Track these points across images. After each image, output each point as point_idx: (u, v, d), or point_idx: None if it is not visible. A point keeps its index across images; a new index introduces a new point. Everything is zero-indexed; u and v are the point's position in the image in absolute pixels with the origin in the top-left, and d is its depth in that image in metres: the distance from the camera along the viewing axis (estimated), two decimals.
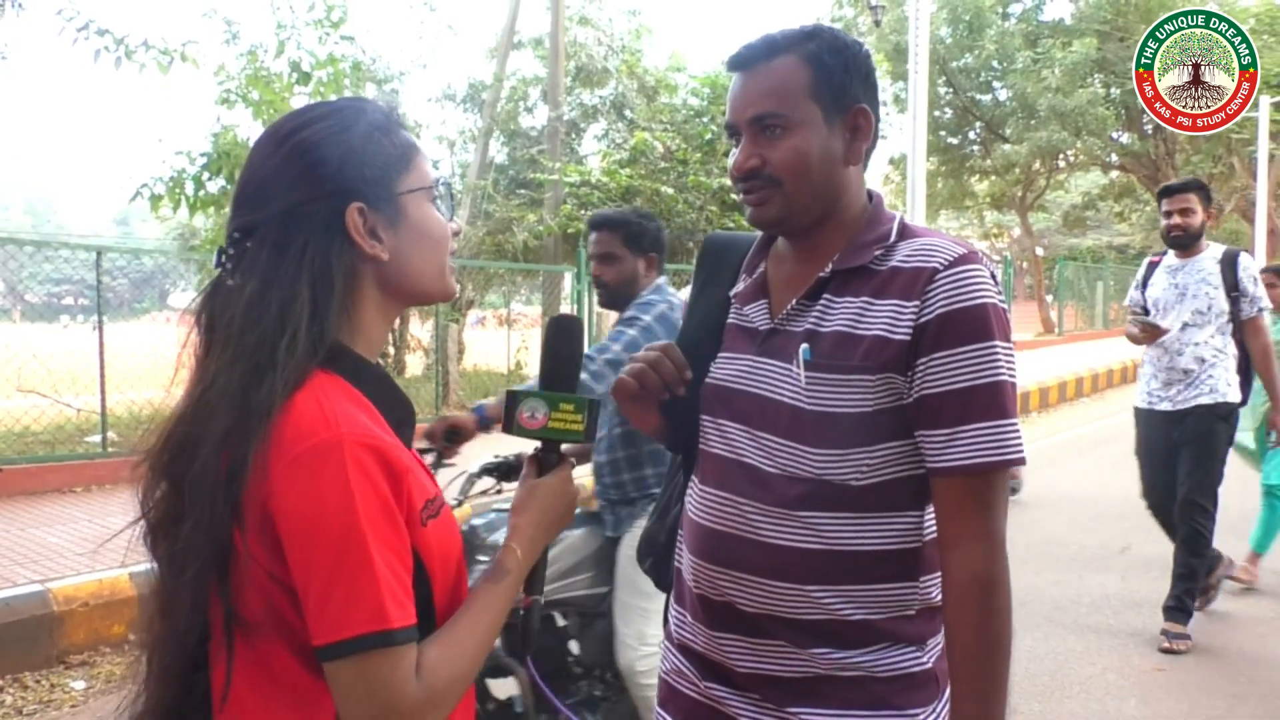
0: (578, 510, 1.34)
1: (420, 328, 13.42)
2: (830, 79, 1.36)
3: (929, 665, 1.39)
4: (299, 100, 8.29)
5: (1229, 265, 4.52)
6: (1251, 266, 4.57)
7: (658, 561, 1.65)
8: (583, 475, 2.68)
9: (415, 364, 14.08)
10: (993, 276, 1.34)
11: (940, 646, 1.40)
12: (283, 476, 0.99)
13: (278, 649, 1.04)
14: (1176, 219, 4.56)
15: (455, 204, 1.27)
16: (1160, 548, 6.01)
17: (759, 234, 1.54)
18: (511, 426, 1.25)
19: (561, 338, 1.29)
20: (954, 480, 1.30)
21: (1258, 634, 4.59)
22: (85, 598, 4.41)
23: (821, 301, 1.38)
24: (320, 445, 0.99)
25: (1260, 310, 4.53)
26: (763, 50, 1.38)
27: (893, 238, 1.38)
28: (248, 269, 1.07)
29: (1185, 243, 4.57)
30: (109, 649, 4.37)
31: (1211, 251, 4.60)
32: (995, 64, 26.68)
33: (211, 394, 1.03)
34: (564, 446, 1.30)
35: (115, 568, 4.58)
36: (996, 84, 27.99)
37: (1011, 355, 1.32)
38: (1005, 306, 1.34)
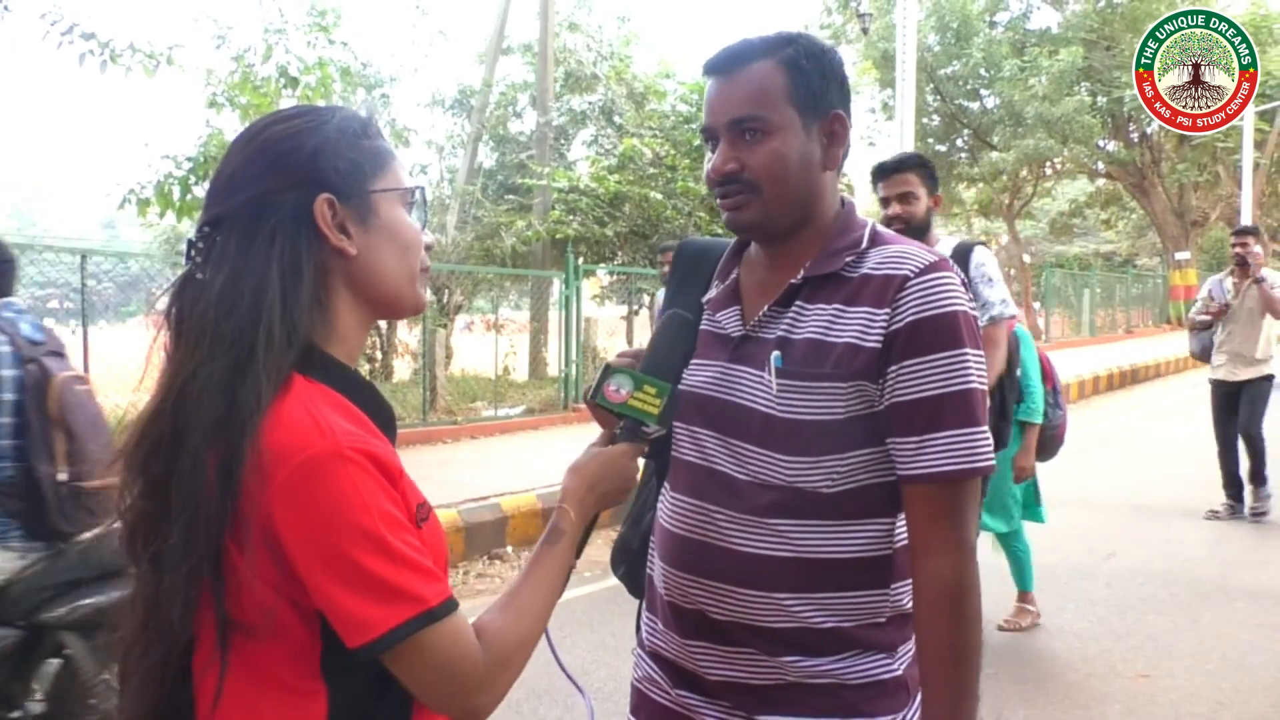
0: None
1: (408, 333, 13.39)
2: (808, 84, 1.36)
3: (899, 672, 1.39)
4: (286, 104, 8.28)
5: (959, 263, 3.43)
6: (988, 263, 3.59)
7: (630, 568, 1.65)
8: None
9: (403, 369, 14.04)
10: (963, 285, 1.34)
11: (911, 653, 1.40)
12: (283, 491, 0.98)
13: (269, 655, 1.04)
14: (896, 207, 3.55)
15: (429, 215, 1.28)
16: (1146, 554, 6.05)
17: (732, 240, 1.55)
18: (597, 396, 1.31)
19: (670, 334, 1.39)
20: (924, 488, 1.31)
21: (1243, 640, 4.61)
22: None
23: (793, 309, 1.38)
24: (318, 456, 0.99)
25: (994, 318, 3.51)
26: (741, 55, 1.38)
27: (864, 245, 1.38)
28: (217, 260, 1.07)
29: (909, 237, 3.62)
30: None
31: (942, 247, 3.56)
32: (983, 72, 26.80)
33: (193, 388, 1.02)
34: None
35: None
36: (984, 92, 28.12)
37: (982, 363, 1.33)
38: (976, 314, 1.35)
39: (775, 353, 1.35)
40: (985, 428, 1.31)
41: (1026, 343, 4.60)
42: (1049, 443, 4.67)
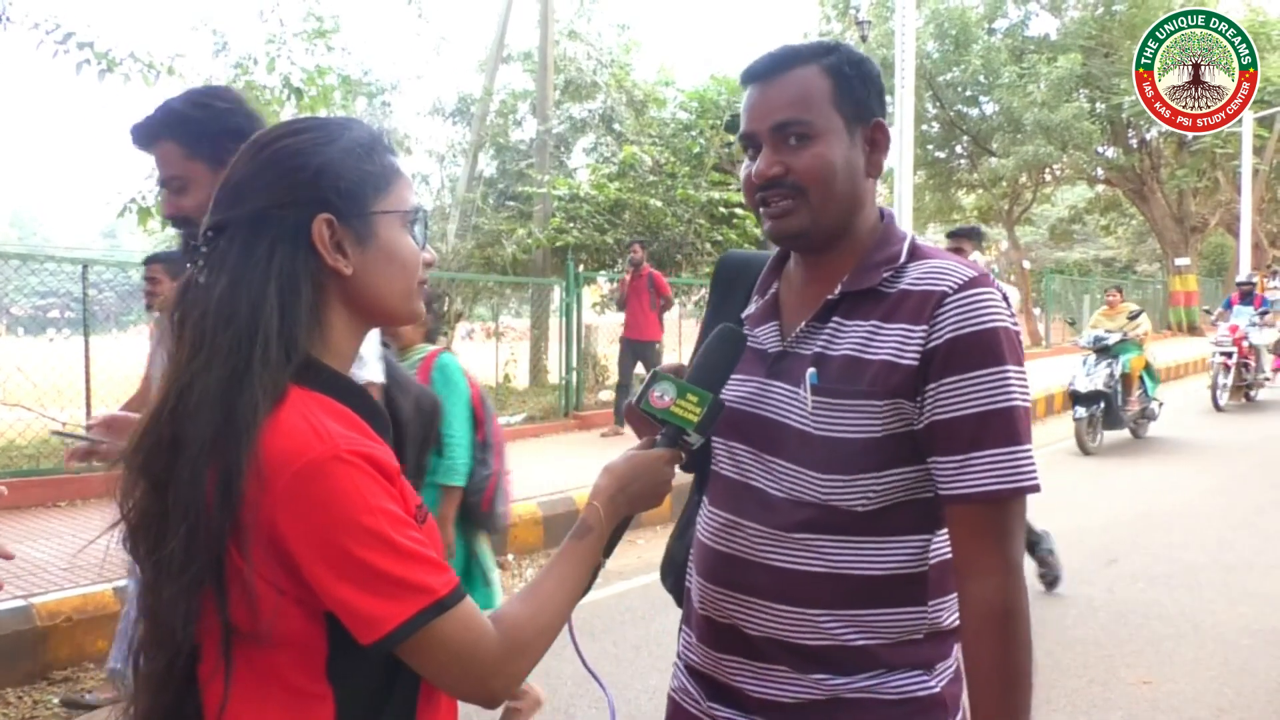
0: None
1: None
2: (851, 90, 1.35)
3: (937, 690, 1.36)
4: (288, 114, 8.29)
5: None
6: None
7: (678, 581, 1.63)
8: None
9: None
10: (1005, 299, 1.31)
11: (950, 671, 1.38)
12: (285, 497, 0.99)
13: (274, 660, 1.05)
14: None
15: (430, 224, 1.29)
16: (1147, 560, 6.05)
17: (772, 253, 1.53)
18: (642, 402, 1.33)
19: (722, 345, 1.37)
20: (968, 508, 1.28)
21: (1245, 645, 4.60)
22: (69, 613, 4.37)
23: (831, 324, 1.36)
24: (317, 460, 1.00)
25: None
26: (783, 60, 1.37)
27: (903, 258, 1.36)
28: (217, 266, 1.09)
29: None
30: (92, 664, 4.33)
31: None
32: (981, 79, 26.82)
33: (191, 398, 1.03)
34: None
35: (99, 582, 4.55)
36: (983, 98, 28.14)
37: (1024, 380, 1.29)
38: (1018, 329, 1.32)
39: (810, 370, 1.33)
40: (1029, 446, 1.28)
41: (450, 379, 3.51)
42: (474, 510, 3.44)
